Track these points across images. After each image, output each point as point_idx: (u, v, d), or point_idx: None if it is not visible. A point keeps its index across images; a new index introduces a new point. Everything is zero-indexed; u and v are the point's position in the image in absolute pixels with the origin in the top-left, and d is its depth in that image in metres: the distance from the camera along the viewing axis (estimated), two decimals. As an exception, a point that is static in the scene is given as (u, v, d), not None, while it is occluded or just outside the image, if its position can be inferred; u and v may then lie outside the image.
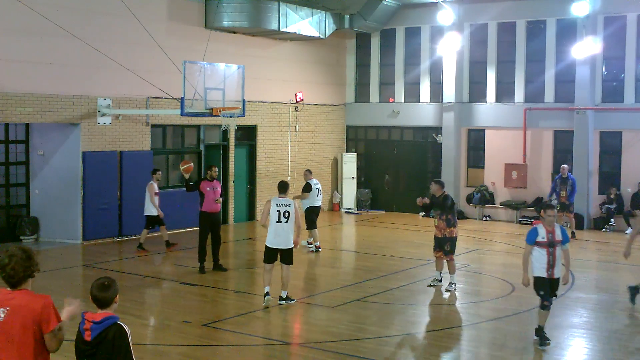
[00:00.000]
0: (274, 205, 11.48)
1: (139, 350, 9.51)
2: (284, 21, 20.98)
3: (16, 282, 5.15)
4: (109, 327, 5.08)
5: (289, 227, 11.51)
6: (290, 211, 11.48)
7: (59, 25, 15.88)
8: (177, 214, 19.56)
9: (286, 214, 11.46)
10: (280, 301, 11.59)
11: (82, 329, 5.13)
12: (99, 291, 5.15)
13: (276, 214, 11.45)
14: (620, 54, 21.62)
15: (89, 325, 5.09)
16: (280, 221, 11.45)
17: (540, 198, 22.54)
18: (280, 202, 11.56)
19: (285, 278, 11.66)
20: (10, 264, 5.11)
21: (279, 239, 11.52)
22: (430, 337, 10.52)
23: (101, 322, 5.08)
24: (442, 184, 13.22)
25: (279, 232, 11.48)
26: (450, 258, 13.06)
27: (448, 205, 12.85)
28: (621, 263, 16.62)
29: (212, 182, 14.59)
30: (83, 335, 5.11)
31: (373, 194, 25.56)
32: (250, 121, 21.61)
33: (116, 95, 18.06)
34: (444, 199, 12.91)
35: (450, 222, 12.94)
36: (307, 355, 9.49)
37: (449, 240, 12.99)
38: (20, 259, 5.14)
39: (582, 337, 10.54)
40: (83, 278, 14.28)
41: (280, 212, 11.46)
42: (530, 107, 22.64)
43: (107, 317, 5.11)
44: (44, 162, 18.14)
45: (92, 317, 5.11)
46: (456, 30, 23.25)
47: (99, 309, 5.18)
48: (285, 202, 11.58)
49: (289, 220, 11.47)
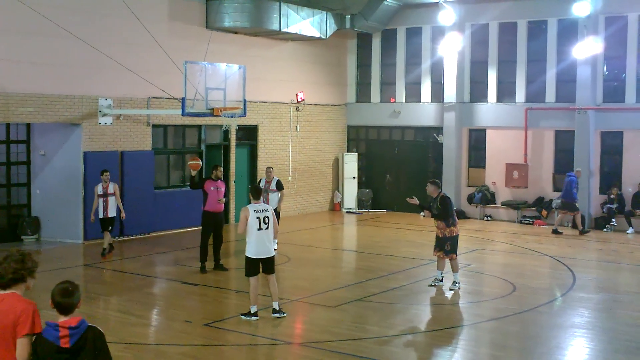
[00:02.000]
0: (253, 212, 10.74)
1: (140, 350, 9.54)
2: (285, 21, 20.99)
3: (5, 282, 5.04)
4: (86, 330, 4.91)
5: (270, 234, 10.91)
6: (270, 216, 10.85)
7: (60, 26, 15.89)
8: (178, 214, 19.61)
9: (266, 219, 10.80)
10: (275, 313, 11.02)
11: (57, 337, 4.85)
12: (62, 297, 4.90)
13: (256, 221, 10.73)
14: (621, 54, 21.61)
15: (66, 331, 4.86)
16: (262, 228, 10.76)
17: (542, 198, 22.55)
18: (258, 208, 10.85)
19: (274, 289, 11.05)
20: (3, 264, 5.04)
21: (263, 248, 10.84)
22: (431, 336, 10.52)
23: (78, 326, 4.89)
24: (437, 184, 13.21)
25: (262, 240, 10.82)
26: (452, 257, 13.07)
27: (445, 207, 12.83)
28: (622, 263, 16.63)
29: (217, 182, 14.59)
30: (58, 343, 4.84)
31: (374, 194, 25.56)
32: (251, 121, 21.62)
33: (117, 96, 18.08)
34: (441, 200, 12.91)
35: (449, 221, 12.95)
36: (308, 355, 9.50)
37: (449, 239, 13.00)
38: (13, 260, 5.04)
39: (583, 337, 10.54)
40: (84, 278, 14.29)
41: (260, 218, 10.75)
42: (531, 107, 22.63)
43: (81, 320, 4.93)
44: (45, 162, 18.16)
45: (66, 323, 4.89)
46: (457, 30, 23.25)
47: (63, 316, 4.92)
48: (262, 207, 10.92)
49: (269, 226, 10.84)
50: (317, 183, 24.81)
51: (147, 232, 18.94)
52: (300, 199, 23.99)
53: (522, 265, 15.83)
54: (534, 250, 17.71)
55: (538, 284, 13.87)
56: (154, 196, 19.08)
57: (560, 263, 16.01)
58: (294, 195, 23.61)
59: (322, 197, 25.09)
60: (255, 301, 10.94)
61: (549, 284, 14.29)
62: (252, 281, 10.91)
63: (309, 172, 24.34)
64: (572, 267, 15.44)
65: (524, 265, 15.83)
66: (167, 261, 16.23)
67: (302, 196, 24.03)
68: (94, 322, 5.07)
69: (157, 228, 19.22)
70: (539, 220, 22.20)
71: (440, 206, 12.89)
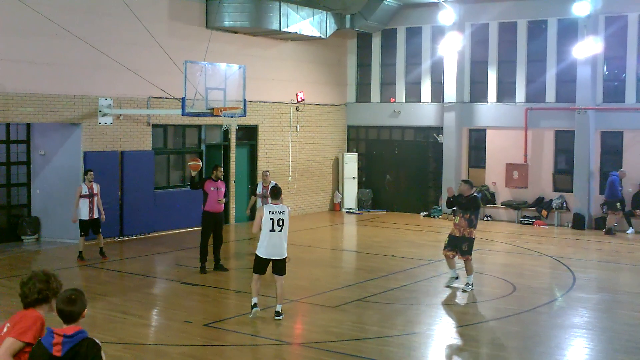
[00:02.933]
0: (267, 213, 10.79)
1: (140, 350, 9.54)
2: (285, 21, 20.99)
3: (29, 302, 5.03)
4: (81, 341, 4.77)
5: (284, 236, 10.90)
6: (285, 219, 10.87)
7: (60, 26, 15.90)
8: (178, 214, 19.61)
9: (280, 221, 10.81)
10: (277, 316, 10.93)
11: (50, 343, 4.74)
12: (65, 305, 4.81)
13: (270, 222, 10.78)
14: (621, 54, 21.61)
15: (60, 339, 4.74)
16: (274, 230, 10.79)
17: (541, 198, 22.55)
18: (274, 209, 10.86)
19: (280, 291, 10.99)
20: (28, 284, 5.02)
21: (274, 250, 10.86)
22: (431, 337, 10.53)
23: (73, 335, 4.77)
24: (471, 183, 13.22)
25: (274, 242, 10.83)
26: (468, 259, 12.98)
27: (476, 206, 12.90)
28: (622, 263, 16.63)
29: (217, 182, 14.59)
30: (51, 350, 4.74)
31: (374, 194, 25.56)
32: (251, 121, 21.62)
33: (117, 95, 18.08)
34: (473, 199, 12.90)
35: (472, 222, 12.92)
36: (308, 355, 9.50)
37: (467, 240, 12.94)
38: (38, 280, 5.02)
39: (582, 337, 10.54)
40: (84, 278, 14.29)
41: (274, 220, 10.78)
42: (532, 107, 22.63)
43: (78, 330, 4.81)
44: (45, 162, 18.16)
45: (62, 330, 4.80)
46: (457, 30, 23.25)
47: (65, 324, 4.83)
48: (279, 209, 10.91)
49: (283, 228, 10.84)
50: (317, 183, 24.81)
51: (147, 232, 18.94)
52: (300, 199, 23.99)
53: (522, 265, 15.84)
54: (533, 251, 17.71)
55: (538, 284, 13.88)
56: (154, 196, 19.09)
57: (560, 263, 16.01)
58: (294, 196, 23.61)
59: (322, 197, 25.08)
60: (255, 293, 11.01)
61: (549, 284, 14.30)
62: (255, 276, 11.04)
63: (309, 172, 24.34)
64: (572, 267, 15.45)
65: (524, 265, 15.83)
66: (167, 261, 16.23)
67: (302, 196, 24.03)
68: (94, 322, 5.05)
69: (157, 228, 19.22)
70: (539, 220, 22.20)
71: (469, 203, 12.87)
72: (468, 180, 13.52)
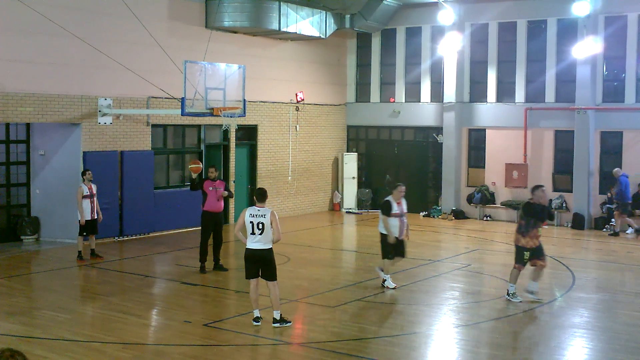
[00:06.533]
0: (248, 216, 10.33)
1: (140, 350, 9.54)
2: (284, 21, 20.99)
3: None
4: None
5: (264, 239, 10.35)
6: (265, 222, 10.25)
7: (60, 25, 15.89)
8: (178, 214, 19.61)
9: (260, 225, 10.26)
10: (275, 323, 10.54)
11: None
12: None
13: (249, 226, 10.32)
14: (621, 54, 21.62)
15: None
16: (255, 233, 10.31)
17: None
18: (254, 212, 10.35)
19: (273, 297, 10.51)
20: None
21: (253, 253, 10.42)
22: (431, 337, 10.52)
23: None
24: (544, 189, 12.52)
25: (253, 246, 10.42)
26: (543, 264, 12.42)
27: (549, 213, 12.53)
28: (622, 263, 16.63)
29: (215, 182, 14.60)
30: None
31: (374, 194, 25.55)
32: (251, 121, 21.62)
33: (117, 95, 18.07)
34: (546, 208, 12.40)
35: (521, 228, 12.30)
36: (308, 355, 9.49)
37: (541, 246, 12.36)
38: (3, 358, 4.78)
39: (582, 337, 10.53)
40: (83, 278, 14.29)
41: (253, 223, 10.29)
42: (531, 107, 22.63)
43: None
44: (44, 162, 18.16)
45: None
46: (457, 30, 23.25)
47: None
48: (261, 212, 10.32)
49: (263, 232, 10.29)
50: (317, 183, 24.81)
51: (147, 232, 18.94)
52: (300, 199, 23.99)
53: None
54: (533, 250, 17.68)
55: (538, 284, 13.84)
56: (153, 196, 19.08)
57: (559, 263, 16.00)
58: (294, 196, 23.61)
59: (321, 197, 25.08)
60: (255, 305, 10.67)
61: (549, 284, 14.28)
62: (251, 284, 10.64)
63: (309, 172, 24.34)
64: (572, 267, 15.44)
65: (524, 265, 15.79)
66: (167, 261, 16.23)
67: (301, 196, 24.02)
68: (93, 322, 5.00)
69: (157, 228, 19.22)
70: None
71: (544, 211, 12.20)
72: (542, 186, 12.55)
